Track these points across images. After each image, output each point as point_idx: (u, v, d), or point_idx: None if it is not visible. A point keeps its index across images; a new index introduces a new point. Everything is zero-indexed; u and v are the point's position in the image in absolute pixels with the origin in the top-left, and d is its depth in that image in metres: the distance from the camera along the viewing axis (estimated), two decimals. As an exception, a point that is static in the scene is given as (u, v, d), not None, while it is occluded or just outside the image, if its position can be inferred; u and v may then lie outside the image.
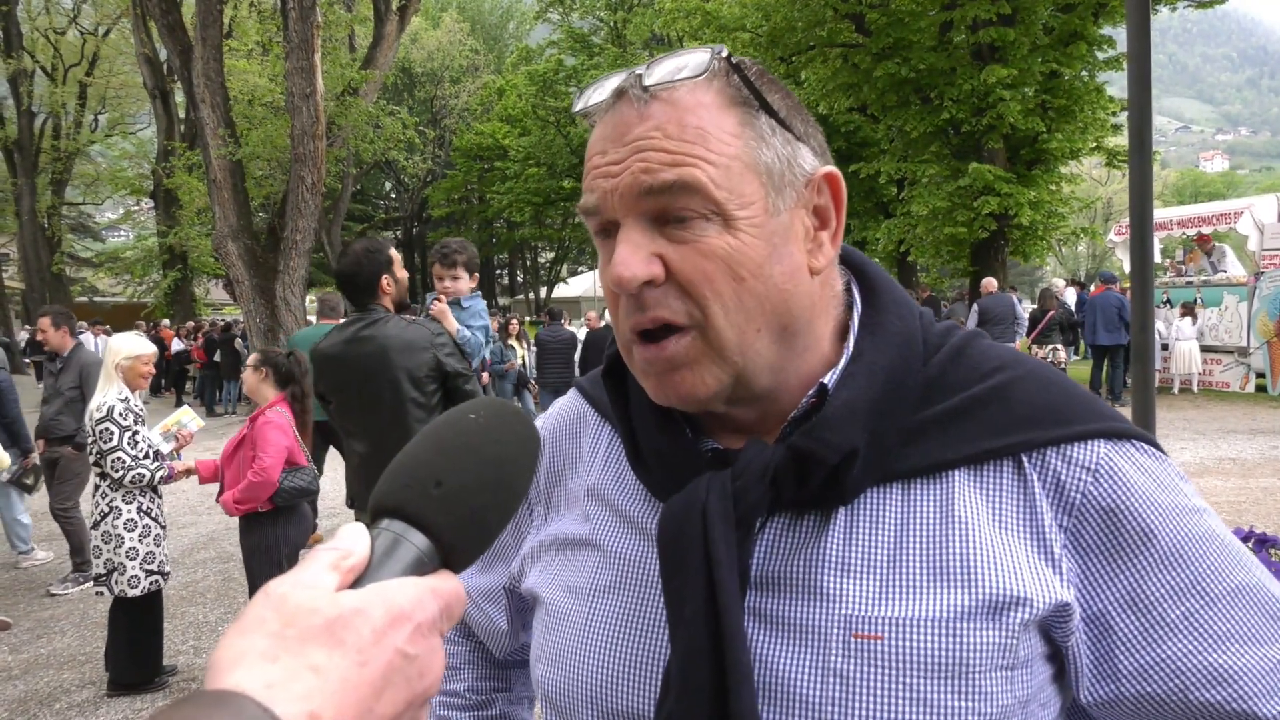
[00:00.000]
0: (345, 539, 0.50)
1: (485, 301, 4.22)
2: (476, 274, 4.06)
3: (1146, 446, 0.75)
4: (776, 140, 0.74)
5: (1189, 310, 13.74)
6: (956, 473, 0.74)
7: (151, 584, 4.42)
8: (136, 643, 4.50)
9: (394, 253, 3.73)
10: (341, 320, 5.08)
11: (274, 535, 4.33)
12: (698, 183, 0.70)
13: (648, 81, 0.72)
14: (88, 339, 18.42)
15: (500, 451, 0.57)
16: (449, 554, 0.53)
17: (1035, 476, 0.73)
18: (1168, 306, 14.14)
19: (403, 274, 3.70)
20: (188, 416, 4.86)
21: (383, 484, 0.54)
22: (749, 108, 0.74)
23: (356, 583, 0.49)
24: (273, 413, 4.32)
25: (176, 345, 19.86)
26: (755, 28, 18.97)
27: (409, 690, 0.47)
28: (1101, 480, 0.72)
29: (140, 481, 4.41)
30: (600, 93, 0.76)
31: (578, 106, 0.79)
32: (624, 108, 0.73)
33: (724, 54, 0.73)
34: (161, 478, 4.49)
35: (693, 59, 0.72)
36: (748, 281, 0.71)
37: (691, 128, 0.71)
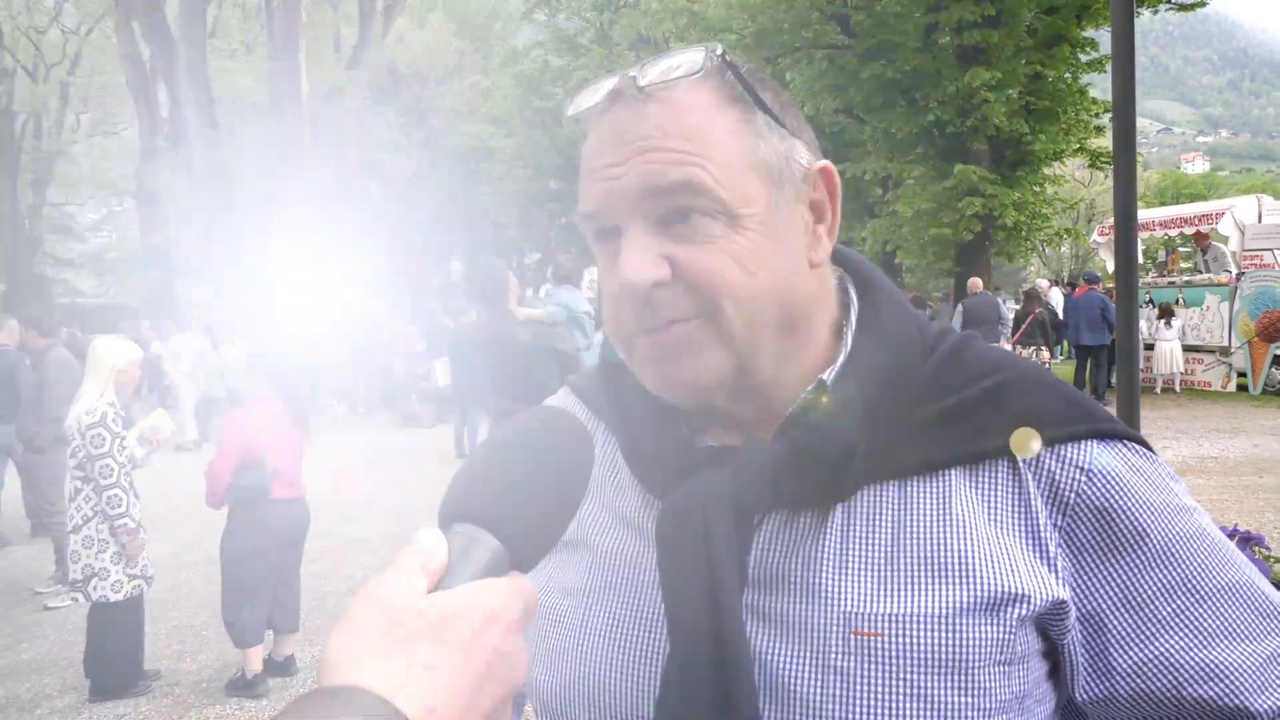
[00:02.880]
0: (426, 542, 0.53)
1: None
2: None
3: (1138, 446, 0.76)
4: (773, 136, 0.74)
5: (1166, 312, 13.83)
6: (952, 472, 0.74)
7: (134, 588, 4.36)
8: (116, 648, 4.44)
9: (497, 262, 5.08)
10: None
11: (242, 535, 4.32)
12: (701, 183, 0.69)
13: (643, 82, 0.71)
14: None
15: (560, 460, 0.61)
16: (518, 557, 0.56)
17: (1030, 476, 0.73)
18: (1150, 307, 14.24)
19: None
20: (162, 420, 4.92)
21: (453, 490, 0.57)
22: (744, 104, 0.73)
23: (439, 584, 0.52)
24: (238, 411, 4.31)
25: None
26: (741, 29, 19.04)
27: (503, 685, 0.51)
28: (1095, 480, 0.72)
29: (125, 491, 4.33)
30: (593, 96, 0.75)
31: (570, 111, 0.77)
32: (620, 109, 0.72)
33: (719, 52, 0.72)
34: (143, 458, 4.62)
35: (687, 58, 0.71)
36: (757, 276, 0.71)
37: (691, 126, 0.70)
